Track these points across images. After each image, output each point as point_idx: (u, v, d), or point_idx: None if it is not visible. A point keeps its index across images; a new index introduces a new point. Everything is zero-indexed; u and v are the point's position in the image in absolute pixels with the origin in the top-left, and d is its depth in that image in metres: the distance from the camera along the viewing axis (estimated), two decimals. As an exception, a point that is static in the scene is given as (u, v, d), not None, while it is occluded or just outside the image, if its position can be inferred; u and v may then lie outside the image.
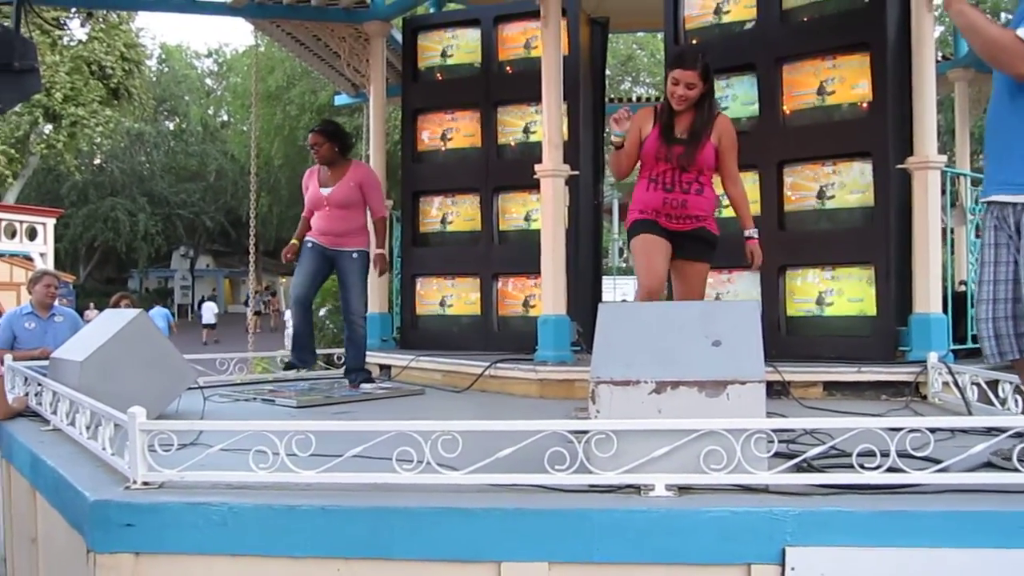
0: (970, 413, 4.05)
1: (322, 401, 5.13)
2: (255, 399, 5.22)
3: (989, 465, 2.70)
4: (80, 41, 26.22)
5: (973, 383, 4.27)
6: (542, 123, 5.84)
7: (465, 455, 2.58)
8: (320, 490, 2.60)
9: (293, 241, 5.70)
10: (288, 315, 11.40)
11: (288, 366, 5.77)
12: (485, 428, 2.70)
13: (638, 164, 4.34)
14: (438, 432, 2.62)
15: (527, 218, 6.75)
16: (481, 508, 2.46)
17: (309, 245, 5.60)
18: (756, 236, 4.35)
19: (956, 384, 4.36)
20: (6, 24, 5.93)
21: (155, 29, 60.48)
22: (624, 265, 21.63)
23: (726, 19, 6.06)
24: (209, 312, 30.10)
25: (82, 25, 25.88)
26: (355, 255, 5.53)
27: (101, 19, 25.33)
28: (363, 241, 5.60)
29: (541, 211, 5.84)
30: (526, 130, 6.81)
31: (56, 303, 6.50)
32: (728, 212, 4.95)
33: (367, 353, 5.82)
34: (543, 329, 5.67)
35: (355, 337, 5.62)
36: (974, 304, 3.09)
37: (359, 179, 5.57)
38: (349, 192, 5.52)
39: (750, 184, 5.67)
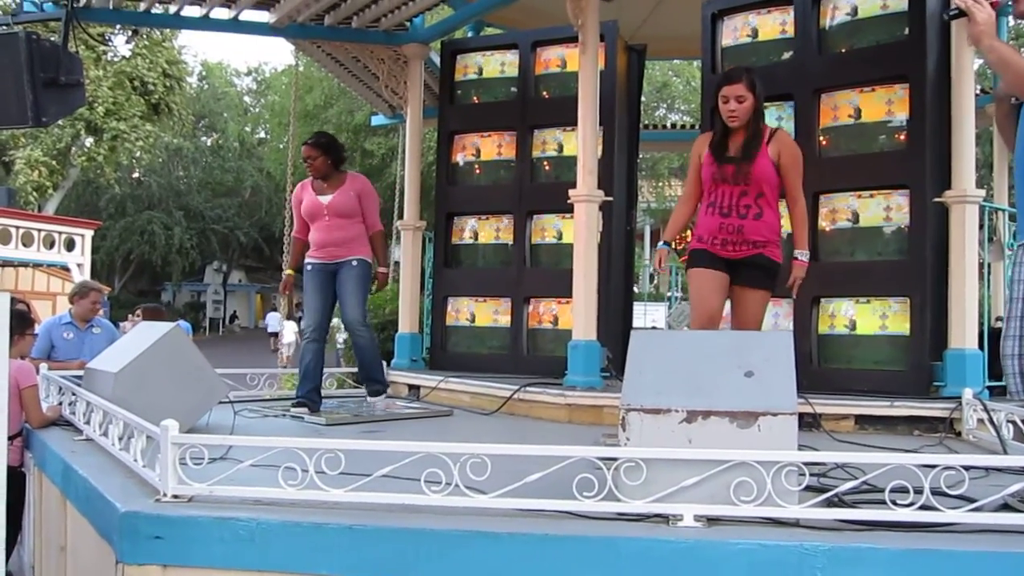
0: (1005, 451, 3.98)
1: (351, 419, 5.15)
2: (284, 415, 5.25)
3: (1005, 507, 2.64)
4: (124, 57, 26.73)
5: (1009, 421, 4.20)
6: (577, 148, 5.85)
7: (493, 479, 2.58)
8: (348, 509, 2.61)
9: (288, 272, 5.62)
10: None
11: (298, 404, 5.31)
12: (514, 452, 2.69)
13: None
14: (467, 455, 2.61)
15: (560, 242, 6.75)
16: (508, 533, 2.44)
17: (309, 268, 5.47)
18: (804, 259, 4.32)
19: (991, 421, 4.28)
20: (54, 39, 6.06)
21: (197, 47, 61.41)
22: (655, 291, 21.53)
23: (760, 38, 6.08)
24: (274, 321, 32.23)
25: (127, 42, 26.38)
26: (355, 263, 5.42)
27: (145, 36, 25.78)
28: (364, 251, 5.48)
29: (574, 236, 5.83)
30: (561, 154, 6.83)
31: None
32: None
33: (395, 372, 5.83)
34: (573, 354, 5.65)
35: (357, 347, 5.54)
36: (1002, 339, 3.06)
37: (358, 189, 5.51)
38: (348, 201, 5.45)
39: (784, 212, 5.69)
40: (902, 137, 5.42)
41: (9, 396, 3.93)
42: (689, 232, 4.44)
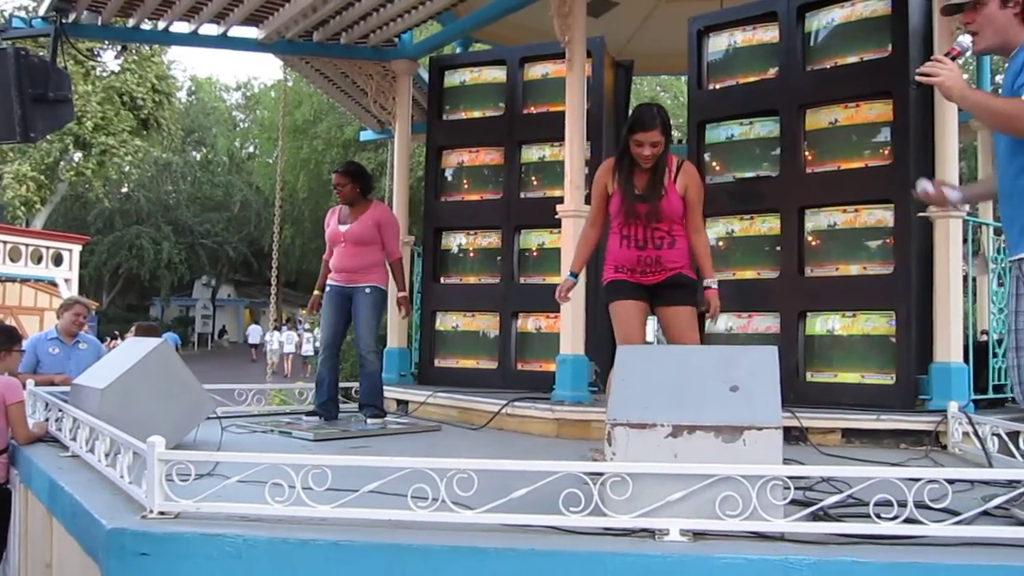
0: (990, 464, 4.01)
1: (338, 435, 5.14)
2: (272, 431, 5.24)
3: (985, 514, 2.66)
4: (113, 72, 26.71)
5: (994, 434, 4.23)
6: (565, 163, 5.87)
7: (480, 494, 2.58)
8: (334, 525, 2.61)
9: (316, 293, 5.84)
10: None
11: (313, 413, 5.70)
12: (500, 467, 2.70)
13: None
14: (453, 470, 2.62)
15: (548, 257, 6.75)
16: (494, 548, 2.45)
17: (328, 289, 5.73)
18: (715, 287, 4.31)
19: (976, 434, 4.31)
20: (42, 54, 6.07)
21: (186, 62, 61.62)
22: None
23: (745, 54, 6.14)
24: (255, 334, 35.30)
25: (116, 57, 26.37)
26: (368, 290, 5.62)
27: (134, 51, 25.80)
28: (378, 278, 5.68)
29: (562, 250, 5.85)
30: (549, 169, 6.85)
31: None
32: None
33: (384, 387, 5.86)
34: (561, 369, 5.67)
35: (366, 372, 5.69)
36: (1003, 353, 3.10)
37: (377, 218, 5.70)
38: (366, 229, 5.64)
39: (773, 227, 5.75)
40: (886, 152, 5.46)
41: (-5, 413, 3.93)
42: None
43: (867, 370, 5.40)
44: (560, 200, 5.85)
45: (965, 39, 2.97)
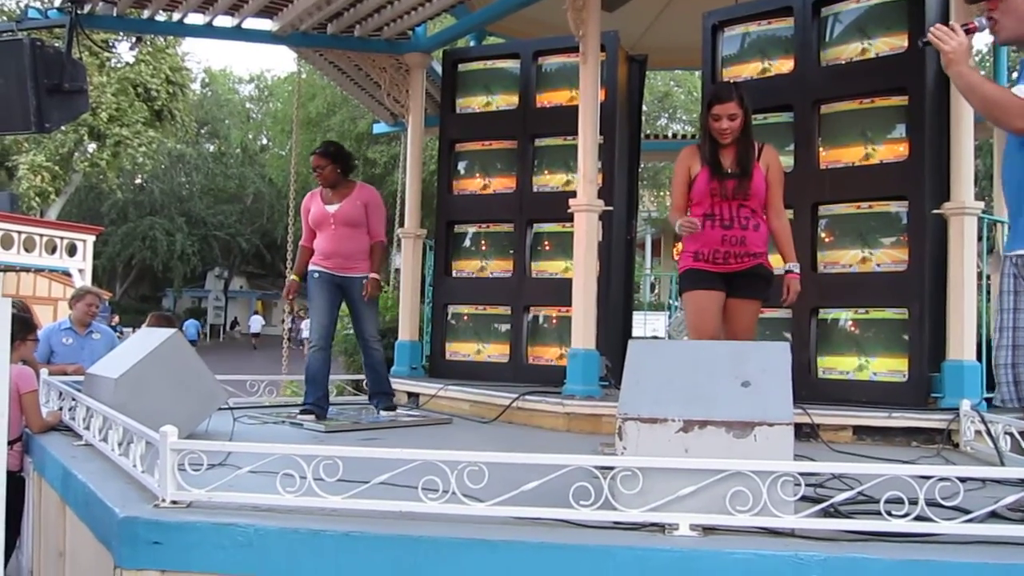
0: (1002, 463, 3.99)
1: (350, 426, 5.16)
2: (283, 422, 5.26)
3: (996, 513, 2.65)
4: (127, 63, 26.81)
5: (1006, 432, 4.21)
6: (578, 157, 5.87)
7: (491, 487, 2.59)
8: (345, 516, 2.62)
9: (293, 278, 5.64)
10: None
11: (306, 411, 5.34)
12: (511, 460, 2.70)
13: None
14: (464, 463, 2.63)
15: (560, 250, 6.75)
16: (504, 541, 2.46)
17: (316, 275, 5.50)
18: (797, 271, 4.35)
19: (989, 433, 4.29)
20: (58, 45, 6.09)
21: (200, 54, 61.70)
22: (655, 300, 21.51)
23: (760, 49, 6.11)
24: (256, 324, 38.50)
25: (131, 48, 26.46)
26: (365, 281, 5.48)
27: (148, 43, 25.87)
28: (369, 265, 5.57)
29: (574, 245, 5.85)
30: (562, 163, 6.84)
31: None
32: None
33: (394, 379, 5.86)
34: (572, 363, 5.66)
35: (373, 361, 5.63)
36: (993, 349, 3.09)
37: (365, 199, 5.57)
38: (355, 210, 5.50)
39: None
40: (901, 148, 5.43)
41: (9, 401, 3.95)
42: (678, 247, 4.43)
43: (879, 367, 5.39)
44: (573, 194, 5.84)
45: (984, 19, 2.96)
